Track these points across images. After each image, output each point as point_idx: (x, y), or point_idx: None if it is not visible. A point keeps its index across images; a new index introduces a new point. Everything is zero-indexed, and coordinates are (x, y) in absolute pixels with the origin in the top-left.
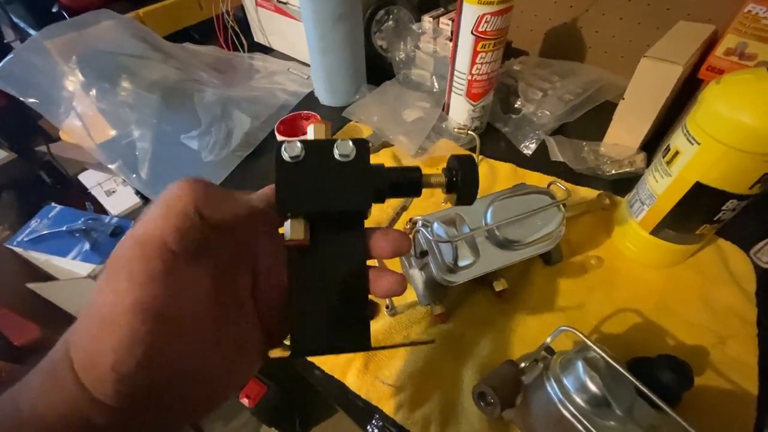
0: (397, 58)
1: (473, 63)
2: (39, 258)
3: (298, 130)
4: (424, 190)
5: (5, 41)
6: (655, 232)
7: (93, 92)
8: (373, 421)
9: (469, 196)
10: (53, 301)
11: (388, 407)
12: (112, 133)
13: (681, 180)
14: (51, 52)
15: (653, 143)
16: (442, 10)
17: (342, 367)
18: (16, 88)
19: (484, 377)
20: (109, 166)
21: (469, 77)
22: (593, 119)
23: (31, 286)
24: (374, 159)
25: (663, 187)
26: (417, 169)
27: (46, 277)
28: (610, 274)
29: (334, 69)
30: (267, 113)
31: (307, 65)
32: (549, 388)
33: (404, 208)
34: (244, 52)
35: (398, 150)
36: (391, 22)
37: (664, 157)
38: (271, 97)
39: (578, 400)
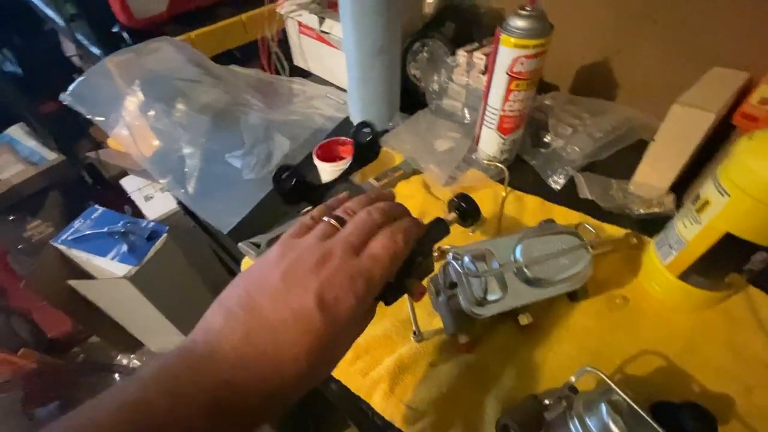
0: (431, 89)
1: (506, 100)
2: (80, 257)
3: (335, 155)
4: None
5: (67, 55)
6: (684, 276)
7: (151, 112)
8: None
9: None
10: (90, 298)
11: (410, 429)
12: (156, 144)
13: (711, 229)
14: (115, 74)
15: (683, 185)
16: (477, 44)
17: (368, 388)
18: (85, 106)
19: (507, 410)
20: (160, 180)
21: (501, 113)
22: (623, 157)
23: (72, 283)
24: (404, 185)
25: (692, 234)
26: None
27: (85, 275)
28: (636, 315)
29: (371, 98)
30: (304, 136)
31: (344, 90)
32: (572, 427)
33: None
34: (284, 75)
35: (428, 178)
36: (425, 54)
37: (693, 205)
38: (308, 120)
39: None
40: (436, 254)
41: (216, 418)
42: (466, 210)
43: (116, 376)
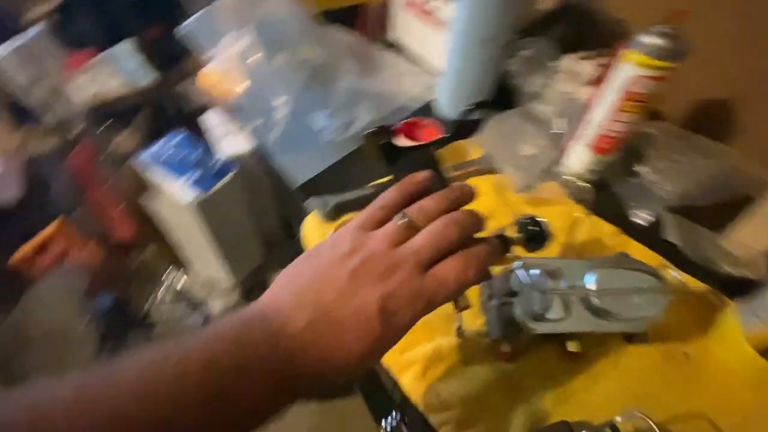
0: (526, 90)
1: (610, 119)
2: (156, 174)
3: (416, 135)
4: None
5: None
6: (765, 353)
7: (253, 57)
8: (389, 418)
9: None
10: (156, 213)
11: (435, 418)
12: (246, 87)
13: None
14: (227, 15)
15: None
16: (588, 53)
17: (401, 365)
18: (195, 40)
19: (536, 429)
20: (248, 124)
21: (601, 131)
22: (722, 208)
23: (144, 196)
24: (477, 183)
25: None
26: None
27: (157, 192)
28: (695, 375)
29: (464, 86)
30: (387, 111)
31: (437, 73)
32: None
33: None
34: (380, 44)
35: (502, 180)
36: (529, 52)
37: None
38: (394, 96)
39: None
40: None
41: (275, 391)
42: (535, 234)
43: (163, 285)
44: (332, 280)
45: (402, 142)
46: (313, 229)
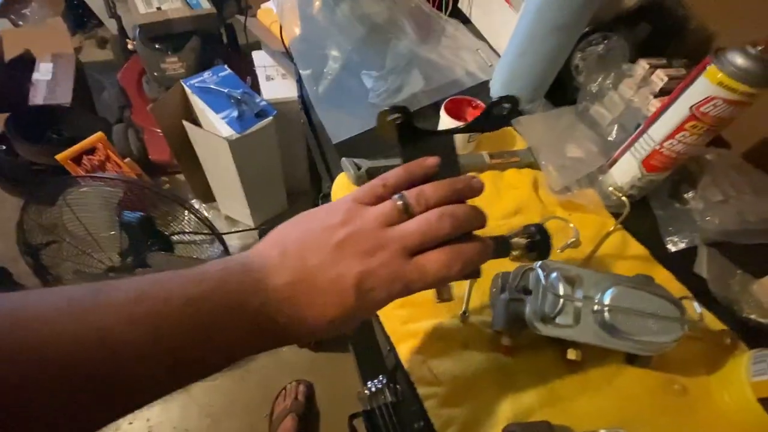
0: (588, 88)
1: (671, 137)
2: (198, 104)
3: (463, 114)
4: (549, 229)
5: None
6: (766, 403)
7: (316, 3)
8: (375, 381)
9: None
10: (192, 142)
11: (422, 390)
12: (298, 32)
13: None
14: None
15: None
16: (664, 61)
17: (401, 335)
18: None
19: (520, 422)
20: (301, 71)
21: (657, 147)
22: (763, 251)
23: (185, 123)
24: (514, 174)
25: None
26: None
27: (197, 122)
28: (689, 410)
29: (523, 72)
30: (439, 83)
31: (497, 53)
32: None
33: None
34: (445, 13)
35: (541, 177)
36: (601, 49)
37: None
38: (449, 69)
39: None
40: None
41: (248, 334)
42: (538, 243)
43: (186, 212)
44: (318, 246)
45: (444, 120)
46: (342, 189)
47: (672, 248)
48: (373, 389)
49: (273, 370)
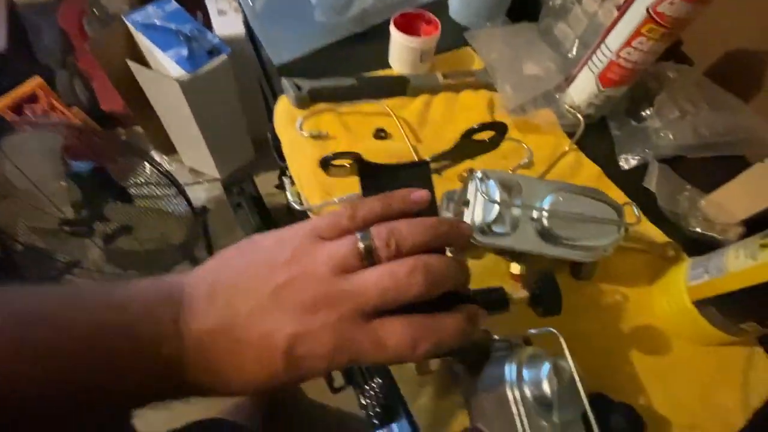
0: (551, 3)
1: (628, 44)
2: (144, 43)
3: (416, 30)
4: (503, 151)
5: None
6: (700, 304)
7: None
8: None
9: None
10: (143, 86)
11: None
12: None
13: (763, 269)
14: None
15: (759, 224)
16: None
17: None
18: None
19: None
20: None
21: (614, 57)
22: (713, 167)
23: (130, 63)
24: (469, 95)
25: (739, 266)
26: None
27: (144, 62)
28: (628, 317)
29: None
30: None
31: None
32: (507, 368)
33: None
34: None
35: (497, 99)
36: None
37: (762, 239)
38: None
39: (527, 390)
40: (464, 174)
41: (157, 376)
42: (544, 299)
43: (146, 165)
44: (253, 290)
45: (396, 37)
46: (284, 114)
47: (625, 166)
48: None
49: None
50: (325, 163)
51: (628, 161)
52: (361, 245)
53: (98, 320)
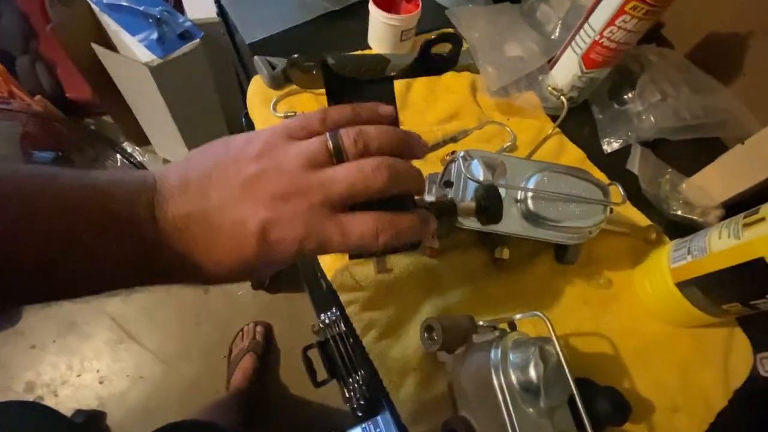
0: None
1: (611, 22)
2: (110, 25)
3: (396, 8)
4: (486, 134)
5: None
6: (682, 286)
7: None
8: (329, 312)
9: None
10: (110, 72)
11: (344, 297)
12: None
13: (746, 248)
14: None
15: (738, 207)
16: None
17: None
18: None
19: (439, 317)
20: None
21: (597, 37)
22: (694, 150)
23: (95, 47)
24: (451, 77)
25: (722, 246)
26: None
27: (110, 47)
28: (611, 301)
29: None
30: None
31: None
32: (492, 353)
33: (454, 140)
34: None
35: (479, 81)
36: None
37: (744, 218)
38: None
39: (513, 376)
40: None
41: (129, 257)
42: (488, 208)
43: (118, 157)
44: (224, 181)
45: (374, 13)
46: (257, 93)
47: (607, 149)
48: (327, 321)
49: (229, 313)
50: (292, 65)
51: (610, 144)
52: (330, 144)
53: (75, 197)
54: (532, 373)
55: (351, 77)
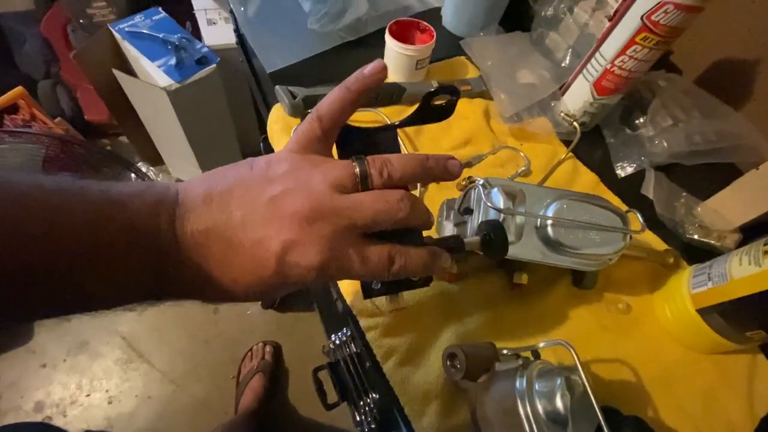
0: (543, 13)
1: (622, 52)
2: (130, 51)
3: (411, 38)
4: (500, 159)
5: None
6: (704, 312)
7: None
8: (340, 333)
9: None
10: (129, 96)
11: (364, 322)
12: None
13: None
14: None
15: (755, 230)
16: None
17: None
18: None
19: (461, 344)
20: None
21: (609, 66)
22: (707, 174)
23: (116, 72)
24: (464, 103)
25: (743, 273)
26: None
27: (130, 72)
28: (631, 326)
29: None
30: (386, 8)
31: None
32: (518, 382)
33: (468, 165)
34: None
35: (493, 107)
36: None
37: (765, 245)
38: None
39: (539, 405)
40: (463, 183)
41: (145, 271)
42: (493, 242)
43: (132, 175)
44: (248, 198)
45: (390, 44)
46: (278, 122)
47: (621, 173)
48: (337, 342)
49: (238, 333)
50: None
51: (624, 168)
52: (357, 170)
53: (97, 210)
54: (559, 403)
55: (359, 127)
